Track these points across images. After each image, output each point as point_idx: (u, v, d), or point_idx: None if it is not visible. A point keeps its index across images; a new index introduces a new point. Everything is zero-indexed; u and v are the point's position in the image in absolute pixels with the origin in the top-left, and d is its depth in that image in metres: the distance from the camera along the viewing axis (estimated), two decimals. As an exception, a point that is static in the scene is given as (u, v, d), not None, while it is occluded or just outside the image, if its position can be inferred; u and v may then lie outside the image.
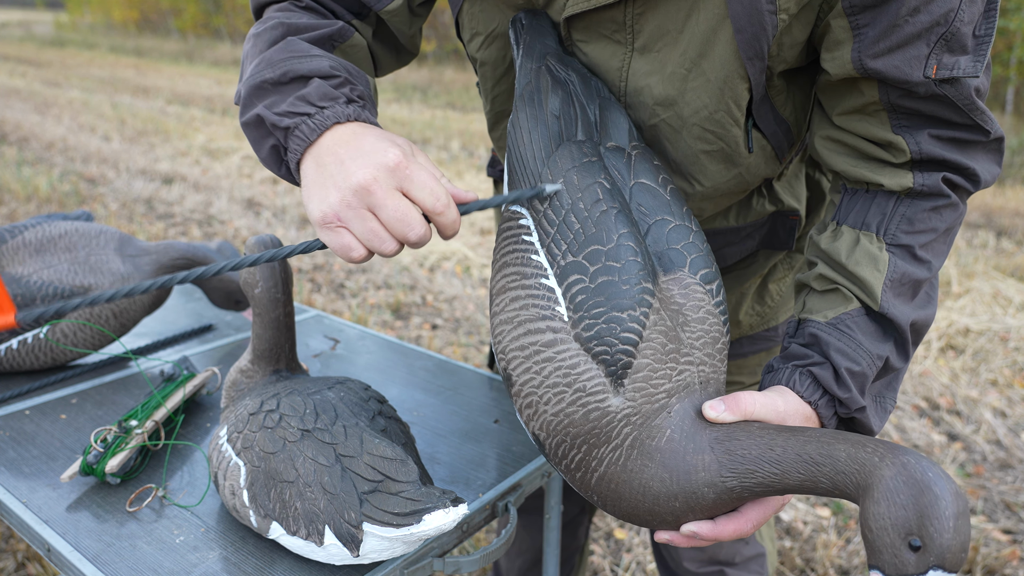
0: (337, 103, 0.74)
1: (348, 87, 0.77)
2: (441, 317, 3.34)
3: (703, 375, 0.71)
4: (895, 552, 0.57)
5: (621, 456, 0.68)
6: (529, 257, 0.74)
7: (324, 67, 0.76)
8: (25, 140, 6.65)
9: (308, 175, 0.73)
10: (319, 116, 0.73)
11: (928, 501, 0.56)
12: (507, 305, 0.74)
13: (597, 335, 0.68)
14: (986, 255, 4.19)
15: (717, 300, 0.74)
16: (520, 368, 0.72)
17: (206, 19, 19.07)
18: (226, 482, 0.80)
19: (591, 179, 0.73)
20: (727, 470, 0.65)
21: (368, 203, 0.68)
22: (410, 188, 0.69)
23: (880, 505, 0.57)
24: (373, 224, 0.69)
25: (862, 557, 1.97)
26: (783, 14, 0.72)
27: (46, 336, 1.11)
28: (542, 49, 0.82)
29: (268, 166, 0.79)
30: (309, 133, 0.72)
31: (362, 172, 0.68)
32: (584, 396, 0.68)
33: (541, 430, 0.72)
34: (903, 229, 0.75)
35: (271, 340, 0.91)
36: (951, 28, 0.69)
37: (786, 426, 0.66)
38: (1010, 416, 2.65)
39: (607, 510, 0.71)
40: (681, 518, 0.68)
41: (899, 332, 0.74)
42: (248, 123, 0.77)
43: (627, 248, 0.70)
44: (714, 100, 0.78)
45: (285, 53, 0.77)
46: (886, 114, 0.75)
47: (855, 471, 0.60)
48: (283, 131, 0.74)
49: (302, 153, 0.73)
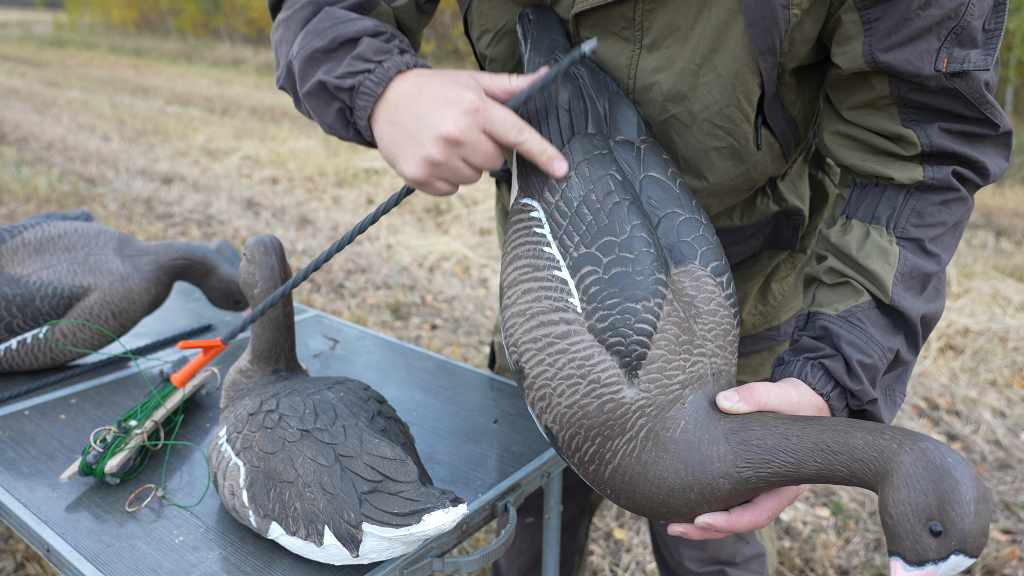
0: (392, 55, 0.76)
1: (397, 39, 0.79)
2: (440, 317, 3.34)
3: (715, 367, 0.71)
4: (916, 538, 0.57)
5: (635, 448, 0.67)
6: (541, 249, 0.74)
7: (369, 26, 0.79)
8: (24, 140, 6.64)
9: (384, 133, 0.76)
10: (379, 69, 0.75)
11: (948, 486, 0.56)
12: (519, 297, 0.74)
13: (611, 326, 0.68)
14: (985, 255, 4.19)
15: (727, 293, 0.74)
16: (533, 360, 0.72)
17: (205, 19, 19.06)
18: (225, 482, 0.80)
19: (603, 171, 0.74)
20: (743, 460, 0.65)
21: (459, 153, 0.73)
22: (492, 128, 0.73)
23: (900, 491, 0.57)
24: (465, 170, 0.74)
25: (861, 557, 1.97)
26: (795, 8, 0.73)
27: (45, 336, 1.11)
28: (550, 44, 0.83)
29: (335, 132, 0.81)
30: (375, 87, 0.75)
31: (446, 124, 0.71)
32: (598, 387, 0.68)
33: (554, 423, 0.71)
34: (913, 223, 0.76)
35: (270, 340, 0.91)
36: (961, 22, 0.69)
37: (801, 416, 0.66)
38: (1009, 416, 2.65)
39: (620, 503, 0.71)
40: (696, 510, 0.68)
41: (909, 325, 0.75)
42: (310, 93, 0.79)
43: (640, 239, 0.70)
44: (725, 95, 0.79)
45: (328, 21, 0.79)
46: (896, 108, 0.75)
47: (873, 458, 0.60)
48: (348, 91, 0.76)
49: (371, 109, 0.76)
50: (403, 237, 4.28)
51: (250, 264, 0.91)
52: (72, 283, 1.12)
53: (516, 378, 0.76)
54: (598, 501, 1.45)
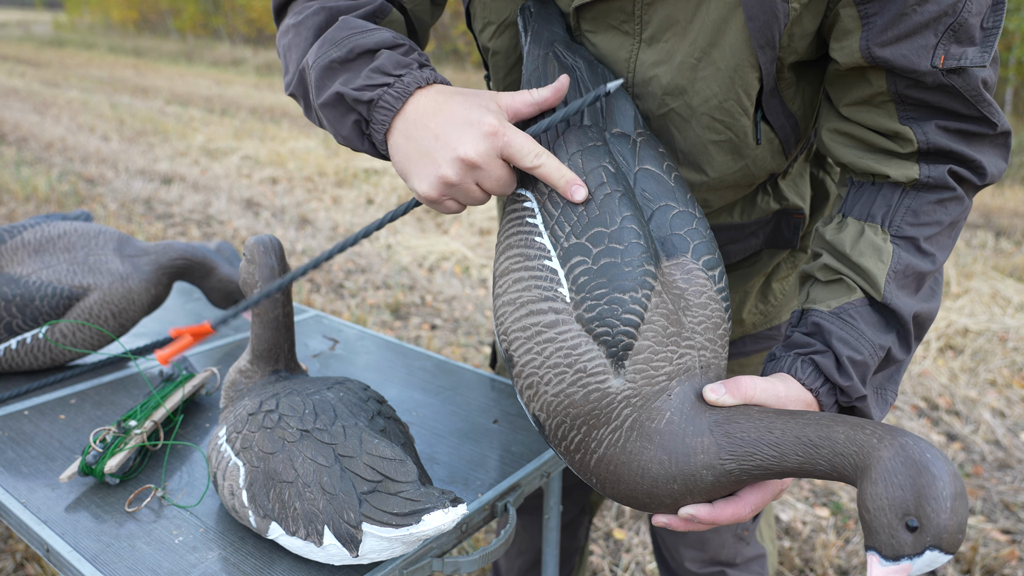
0: (411, 69, 0.76)
1: (416, 52, 0.78)
2: (440, 317, 3.34)
3: (704, 360, 0.71)
4: (892, 532, 0.57)
5: (621, 438, 0.68)
6: (532, 239, 0.74)
7: (388, 38, 0.78)
8: (24, 140, 6.64)
9: (400, 148, 0.75)
10: (399, 84, 0.74)
11: (925, 481, 0.56)
12: (510, 286, 0.74)
13: (599, 316, 0.68)
14: (985, 255, 4.19)
15: (719, 287, 0.74)
16: (522, 349, 0.72)
17: (205, 19, 19.05)
18: (225, 482, 0.80)
19: (596, 163, 0.74)
20: (726, 452, 0.65)
21: (474, 176, 0.73)
22: (510, 153, 0.72)
23: (877, 485, 0.57)
24: (476, 193, 0.74)
25: (861, 557, 1.97)
26: (795, 2, 0.73)
27: (45, 336, 1.11)
28: (550, 36, 0.83)
29: (350, 143, 0.80)
30: (394, 102, 0.74)
31: (464, 146, 0.71)
32: (585, 377, 0.68)
33: (541, 411, 0.72)
34: (908, 221, 0.76)
35: (270, 340, 0.91)
36: (959, 19, 0.70)
37: (785, 410, 0.66)
38: (1009, 416, 2.65)
39: (606, 493, 0.71)
40: (679, 501, 0.68)
41: (901, 323, 0.75)
42: (327, 103, 0.78)
43: (630, 231, 0.70)
44: (724, 89, 0.79)
45: (345, 31, 0.78)
46: (893, 105, 0.76)
47: (853, 452, 0.60)
48: (366, 104, 0.75)
49: (389, 123, 0.75)
50: (403, 237, 4.28)
51: (250, 264, 0.91)
52: (72, 283, 1.12)
53: (506, 366, 0.76)
54: (599, 501, 1.45)
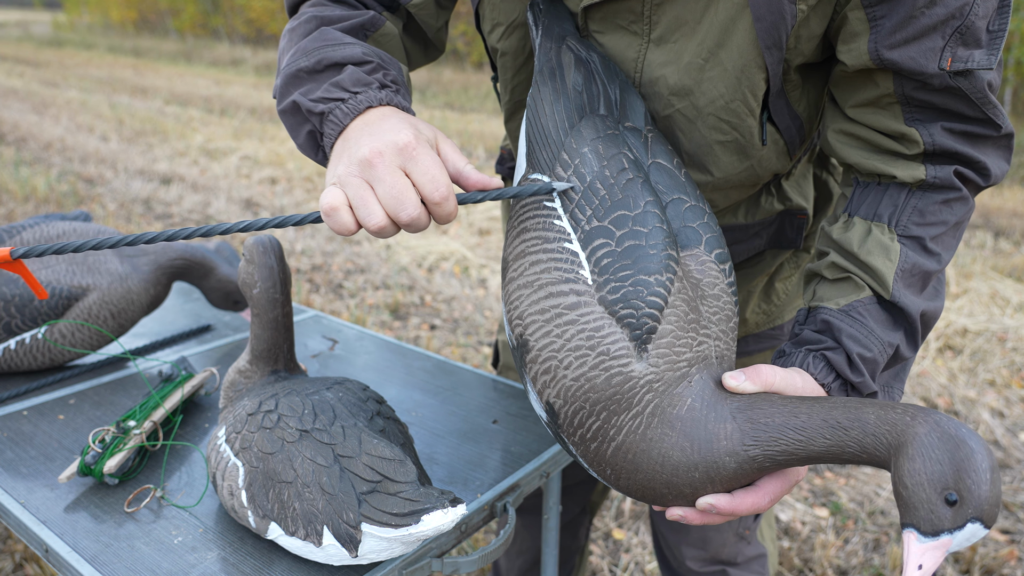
0: (370, 88, 0.76)
1: (381, 72, 0.78)
2: (439, 317, 3.34)
3: (719, 350, 0.70)
4: (931, 507, 0.57)
5: (641, 424, 0.66)
6: (551, 222, 0.73)
7: (357, 54, 0.78)
8: (23, 140, 6.64)
9: (334, 154, 0.75)
10: (352, 101, 0.75)
11: (964, 455, 0.56)
12: (526, 269, 0.73)
13: (623, 298, 0.67)
14: (984, 255, 4.20)
15: (730, 280, 0.75)
16: (539, 332, 0.71)
17: (204, 19, 19.05)
18: (224, 482, 0.80)
19: (616, 150, 0.74)
20: (750, 438, 0.64)
21: (368, 176, 0.68)
22: (412, 170, 0.68)
23: (915, 461, 0.58)
24: (367, 194, 0.67)
25: (860, 557, 1.97)
26: (802, 4, 0.74)
27: (44, 336, 1.11)
28: (561, 32, 0.84)
29: (305, 152, 0.81)
30: (343, 117, 0.74)
31: (369, 146, 0.69)
32: (607, 360, 0.67)
33: (558, 397, 0.70)
34: (914, 221, 0.77)
35: (269, 340, 0.91)
36: (966, 21, 0.70)
37: (808, 396, 0.66)
38: (1008, 416, 2.65)
39: (619, 485, 0.70)
40: (699, 490, 0.67)
41: (909, 321, 0.76)
42: (285, 111, 0.79)
43: (653, 215, 0.70)
44: (731, 89, 0.80)
45: (319, 42, 0.79)
46: (899, 107, 0.76)
47: (886, 431, 0.60)
48: (318, 116, 0.76)
49: (336, 137, 0.75)
50: (402, 237, 4.28)
51: (249, 264, 0.91)
52: (71, 283, 1.12)
53: (517, 354, 0.74)
54: (599, 501, 1.45)
